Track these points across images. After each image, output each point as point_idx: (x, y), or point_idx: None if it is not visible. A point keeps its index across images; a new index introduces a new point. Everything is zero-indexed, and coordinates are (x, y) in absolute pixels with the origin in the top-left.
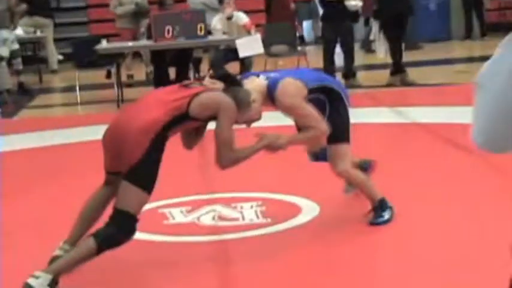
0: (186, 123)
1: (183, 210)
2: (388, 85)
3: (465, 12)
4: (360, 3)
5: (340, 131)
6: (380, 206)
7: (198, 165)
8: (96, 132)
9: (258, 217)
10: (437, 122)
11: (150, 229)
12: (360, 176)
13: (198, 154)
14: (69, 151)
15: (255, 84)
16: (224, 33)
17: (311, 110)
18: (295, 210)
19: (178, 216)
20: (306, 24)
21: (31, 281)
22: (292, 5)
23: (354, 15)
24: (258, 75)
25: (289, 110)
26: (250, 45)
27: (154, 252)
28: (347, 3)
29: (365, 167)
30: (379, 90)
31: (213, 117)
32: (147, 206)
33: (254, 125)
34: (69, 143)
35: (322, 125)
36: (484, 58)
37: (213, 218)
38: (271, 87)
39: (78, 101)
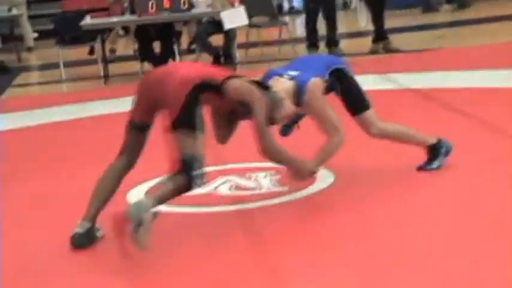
0: (215, 96)
1: None
2: (372, 52)
3: None
4: None
5: (358, 102)
6: (432, 152)
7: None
8: (88, 110)
9: (275, 186)
10: (430, 87)
11: (171, 201)
12: (398, 128)
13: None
14: (65, 129)
15: (281, 86)
16: (208, 6)
17: (333, 115)
18: (310, 178)
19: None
20: None
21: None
22: None
23: None
24: (281, 75)
25: (315, 113)
26: (234, 17)
27: (179, 223)
28: None
29: None
30: (363, 57)
31: (240, 109)
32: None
33: None
34: (63, 121)
35: (342, 133)
36: (461, 23)
37: (230, 188)
38: (300, 89)
39: (63, 78)
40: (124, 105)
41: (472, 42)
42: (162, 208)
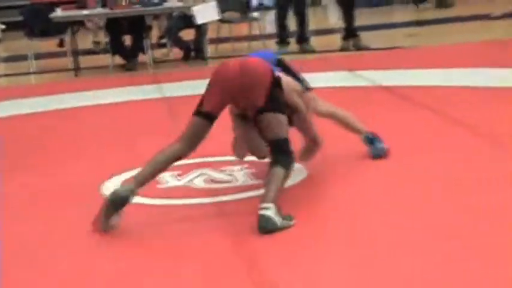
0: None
1: (174, 174)
2: (342, 49)
3: None
4: None
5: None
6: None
7: (177, 132)
8: (58, 102)
9: (250, 179)
10: (400, 85)
11: (147, 193)
12: (339, 113)
13: (174, 121)
14: (34, 121)
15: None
16: (179, 0)
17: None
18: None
19: (170, 180)
20: None
21: (265, 212)
22: None
23: None
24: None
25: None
26: (207, 12)
27: (155, 215)
28: None
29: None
30: (334, 54)
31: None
32: (134, 172)
33: None
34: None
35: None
36: (434, 21)
37: (205, 181)
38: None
39: (32, 70)
40: (94, 98)
41: (444, 41)
42: (137, 200)
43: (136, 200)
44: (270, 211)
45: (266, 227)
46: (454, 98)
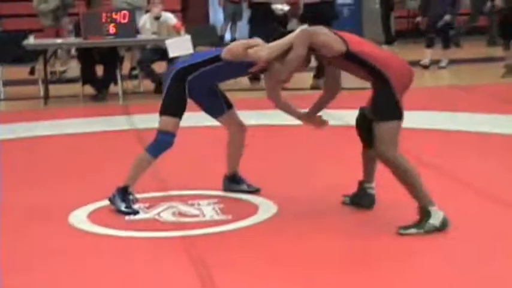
0: None
1: (142, 206)
2: (312, 88)
3: (382, 18)
4: (287, 7)
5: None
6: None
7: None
8: (29, 129)
9: (218, 214)
10: None
11: (114, 225)
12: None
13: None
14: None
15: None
16: (153, 33)
17: None
18: (253, 208)
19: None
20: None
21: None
22: (221, 2)
23: (282, 19)
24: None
25: None
26: (180, 46)
27: (123, 248)
28: (273, 6)
29: None
30: (305, 92)
31: None
32: (104, 203)
33: None
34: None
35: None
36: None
37: (174, 214)
38: None
39: (1, 97)
40: (63, 127)
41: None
42: (104, 231)
43: (103, 231)
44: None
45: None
46: (422, 139)
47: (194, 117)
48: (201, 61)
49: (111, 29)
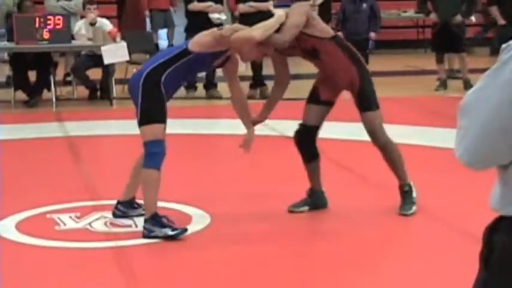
0: None
1: (72, 216)
2: (248, 98)
3: None
4: (224, 17)
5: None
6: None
7: (78, 172)
8: None
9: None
10: None
11: (44, 235)
12: None
13: (76, 161)
14: None
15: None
16: (89, 39)
17: None
18: (186, 218)
19: (68, 222)
20: (161, 33)
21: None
22: (147, 13)
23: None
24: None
25: None
26: (115, 52)
27: (52, 259)
28: (211, 15)
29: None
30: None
31: None
32: (33, 212)
33: None
34: None
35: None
36: None
37: (105, 224)
38: None
39: None
40: None
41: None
42: (32, 241)
43: (32, 241)
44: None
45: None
46: (352, 152)
47: (128, 125)
48: (170, 58)
49: (45, 34)
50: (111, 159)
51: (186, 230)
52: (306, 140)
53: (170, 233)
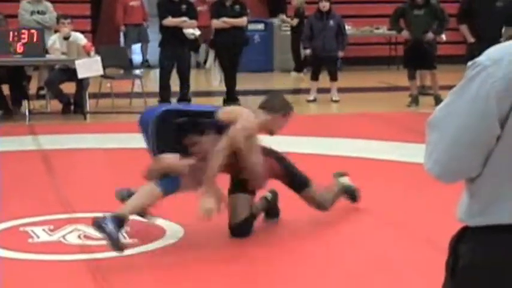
0: None
1: (45, 228)
2: None
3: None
4: (198, 32)
5: None
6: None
7: (52, 185)
8: None
9: (124, 238)
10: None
11: (17, 248)
12: None
13: (49, 174)
14: None
15: None
16: (63, 53)
17: None
18: (160, 231)
19: (42, 235)
20: (135, 48)
21: None
22: (123, 28)
23: (193, 44)
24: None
25: None
26: (89, 67)
27: (25, 272)
28: (185, 31)
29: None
30: None
31: None
32: (6, 224)
33: None
34: None
35: None
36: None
37: (79, 237)
38: None
39: None
40: None
41: (315, 110)
42: (5, 254)
43: (6, 254)
44: None
45: None
46: (324, 166)
47: (102, 139)
48: (196, 111)
49: (19, 47)
50: (84, 173)
51: (122, 250)
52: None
53: (114, 237)
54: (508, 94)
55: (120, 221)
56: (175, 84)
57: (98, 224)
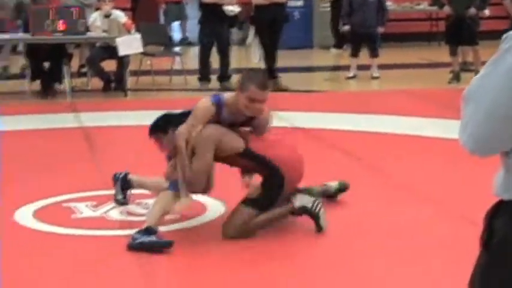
0: None
1: (88, 204)
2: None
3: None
4: (238, 9)
5: None
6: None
7: (94, 162)
8: None
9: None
10: (317, 128)
11: (61, 223)
12: None
13: (91, 151)
14: None
15: None
16: (104, 31)
17: None
18: (202, 208)
19: (85, 210)
20: (175, 25)
21: None
22: (163, 5)
23: (232, 21)
24: None
25: None
26: (130, 44)
27: (69, 247)
28: (225, 8)
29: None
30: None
31: None
32: (50, 200)
33: None
34: None
35: None
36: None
37: (121, 213)
38: None
39: None
40: (10, 123)
41: (354, 87)
42: (50, 229)
43: (49, 228)
44: None
45: None
46: (364, 143)
47: (142, 116)
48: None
49: (61, 25)
50: (125, 149)
51: (171, 243)
52: None
53: (154, 239)
54: None
55: (150, 231)
56: (215, 62)
57: (132, 245)
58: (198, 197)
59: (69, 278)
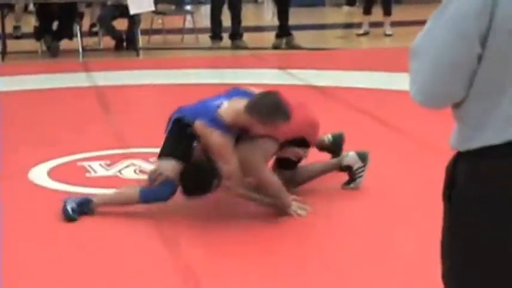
0: None
1: (102, 163)
2: (274, 47)
3: None
4: None
5: None
6: None
7: (106, 121)
8: None
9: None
10: (329, 85)
11: (75, 182)
12: None
13: (104, 110)
14: None
15: None
16: None
17: None
18: None
19: (99, 169)
20: None
21: None
22: None
23: None
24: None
25: None
26: (141, 3)
27: None
28: None
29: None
30: (265, 52)
31: None
32: (64, 159)
33: None
34: None
35: None
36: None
37: (135, 172)
38: None
39: None
40: (21, 83)
41: (367, 45)
42: (64, 188)
43: (63, 187)
44: None
45: None
46: (379, 99)
47: (155, 75)
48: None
49: None
50: (138, 108)
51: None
52: None
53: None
54: (485, 11)
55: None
56: (227, 20)
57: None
58: None
59: (83, 236)
